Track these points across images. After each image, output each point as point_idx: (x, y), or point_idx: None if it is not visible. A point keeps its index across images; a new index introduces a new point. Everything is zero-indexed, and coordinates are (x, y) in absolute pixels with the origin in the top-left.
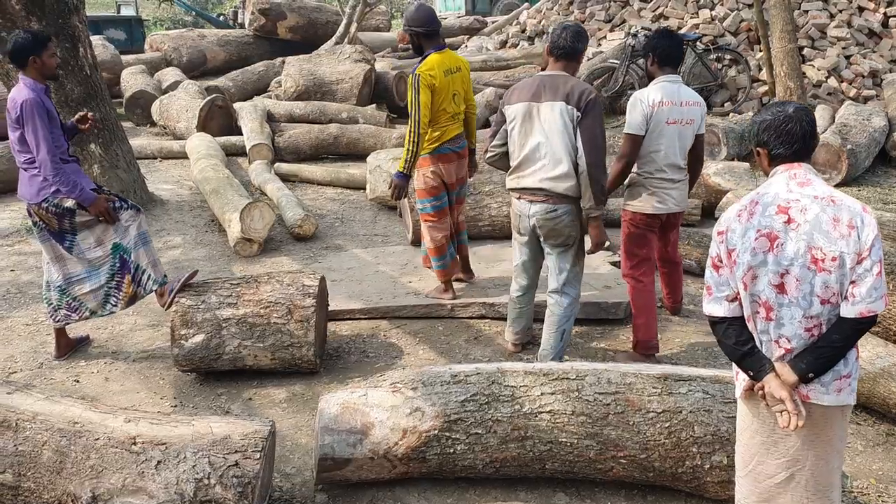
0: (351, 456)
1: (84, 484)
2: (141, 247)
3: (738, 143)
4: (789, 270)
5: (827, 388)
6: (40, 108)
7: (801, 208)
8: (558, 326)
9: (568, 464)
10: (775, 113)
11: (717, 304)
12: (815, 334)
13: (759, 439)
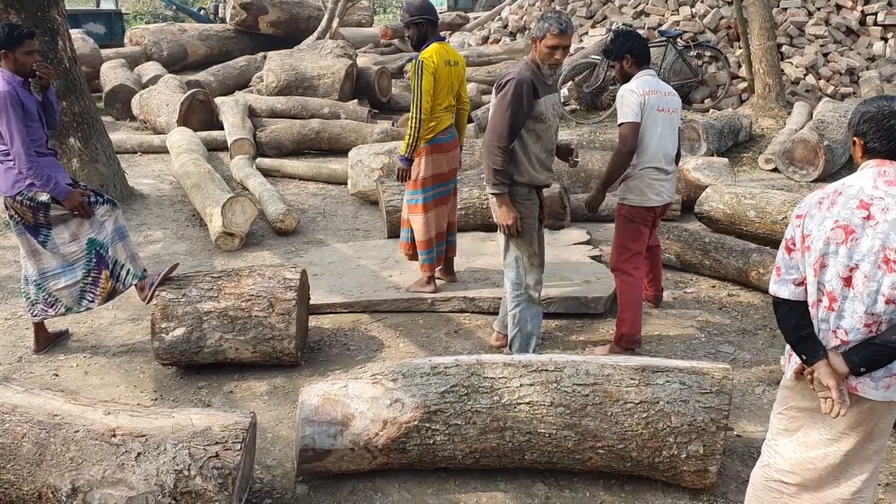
0: (331, 447)
1: (64, 476)
2: (118, 241)
3: (718, 139)
4: (859, 266)
5: (877, 383)
6: (14, 101)
7: (883, 207)
8: (509, 309)
9: (547, 454)
10: (880, 106)
11: (783, 286)
12: (874, 331)
13: (805, 414)
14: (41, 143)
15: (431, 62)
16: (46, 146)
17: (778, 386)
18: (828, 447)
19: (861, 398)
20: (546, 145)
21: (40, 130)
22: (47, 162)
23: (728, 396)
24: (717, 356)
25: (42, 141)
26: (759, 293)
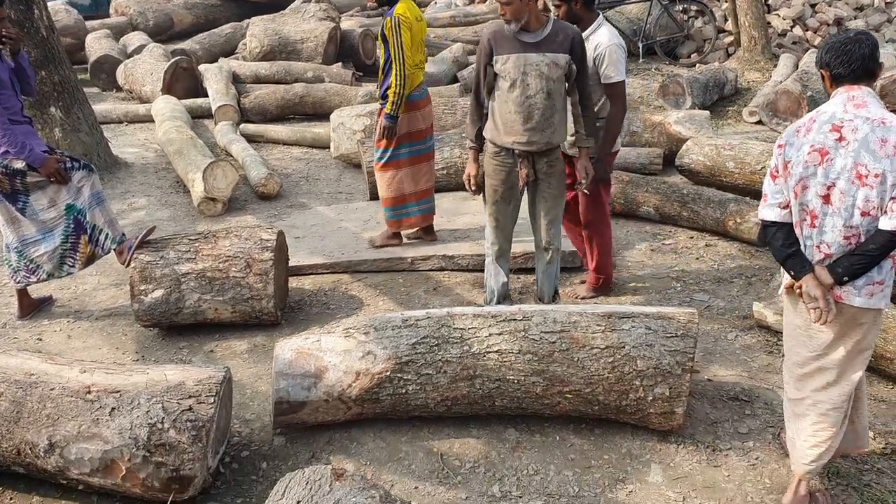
0: (306, 399)
1: (41, 432)
2: (96, 206)
3: (703, 93)
4: (835, 183)
5: (859, 290)
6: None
7: (853, 128)
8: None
9: (516, 400)
10: (839, 37)
11: (770, 210)
12: (853, 243)
13: (798, 332)
14: (15, 110)
15: (406, 18)
16: (22, 114)
17: (751, 332)
18: (817, 362)
19: (846, 306)
20: (515, 107)
21: (13, 98)
22: (22, 130)
23: (693, 340)
24: (692, 304)
25: (16, 109)
26: (736, 243)
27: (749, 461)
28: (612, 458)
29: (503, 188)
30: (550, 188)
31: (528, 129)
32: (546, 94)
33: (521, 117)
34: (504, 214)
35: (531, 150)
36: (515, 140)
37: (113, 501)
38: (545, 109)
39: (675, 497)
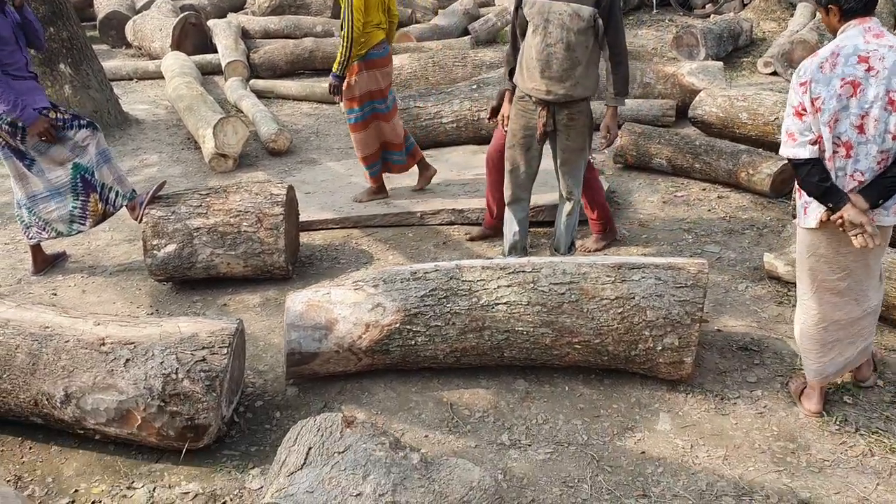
0: (317, 350)
1: (57, 383)
2: (103, 164)
3: (717, 44)
4: (869, 112)
5: (888, 210)
6: None
7: (879, 57)
8: None
9: (525, 351)
10: None
11: (801, 148)
12: (883, 167)
13: (824, 260)
14: (19, 66)
15: None
16: (27, 69)
17: (761, 283)
18: (843, 282)
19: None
20: (536, 54)
21: (17, 53)
22: (27, 86)
23: (703, 290)
24: (703, 256)
25: (20, 64)
26: (748, 194)
27: (757, 409)
28: (620, 407)
29: (521, 134)
30: (569, 140)
31: (546, 79)
32: (566, 45)
33: (539, 65)
34: (519, 161)
35: (548, 99)
36: (534, 87)
37: (129, 451)
38: (563, 61)
39: (682, 444)
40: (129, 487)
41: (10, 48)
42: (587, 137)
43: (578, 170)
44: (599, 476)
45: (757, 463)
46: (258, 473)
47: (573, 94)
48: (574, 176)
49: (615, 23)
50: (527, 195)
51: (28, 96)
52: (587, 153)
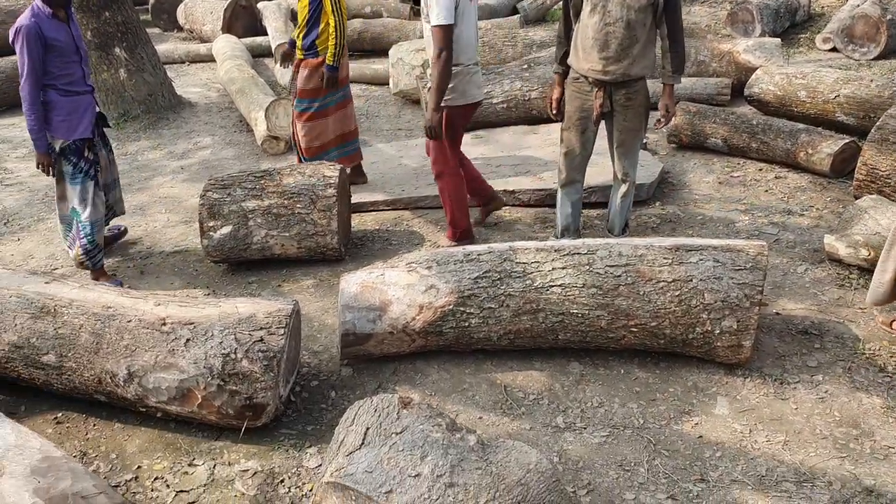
0: (371, 331)
1: (120, 362)
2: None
3: (773, 21)
4: None
5: None
6: (32, 38)
7: None
8: None
9: (580, 334)
10: None
11: None
12: None
13: None
14: (74, 79)
15: None
16: (84, 82)
17: (821, 266)
18: None
19: None
20: (593, 33)
21: (75, 65)
22: (77, 104)
23: (763, 273)
24: (760, 237)
25: (77, 77)
26: (806, 174)
27: (818, 394)
28: (677, 391)
29: (577, 116)
30: (626, 121)
31: (604, 58)
32: (625, 23)
33: (597, 44)
34: (574, 143)
35: (606, 79)
36: (591, 67)
37: (189, 428)
38: (623, 39)
39: (741, 429)
40: (190, 464)
41: (66, 59)
42: (644, 118)
43: (635, 151)
44: (656, 460)
45: (818, 449)
46: (315, 452)
47: (630, 74)
48: (630, 157)
49: (675, 1)
50: (581, 177)
51: (74, 117)
52: (643, 133)
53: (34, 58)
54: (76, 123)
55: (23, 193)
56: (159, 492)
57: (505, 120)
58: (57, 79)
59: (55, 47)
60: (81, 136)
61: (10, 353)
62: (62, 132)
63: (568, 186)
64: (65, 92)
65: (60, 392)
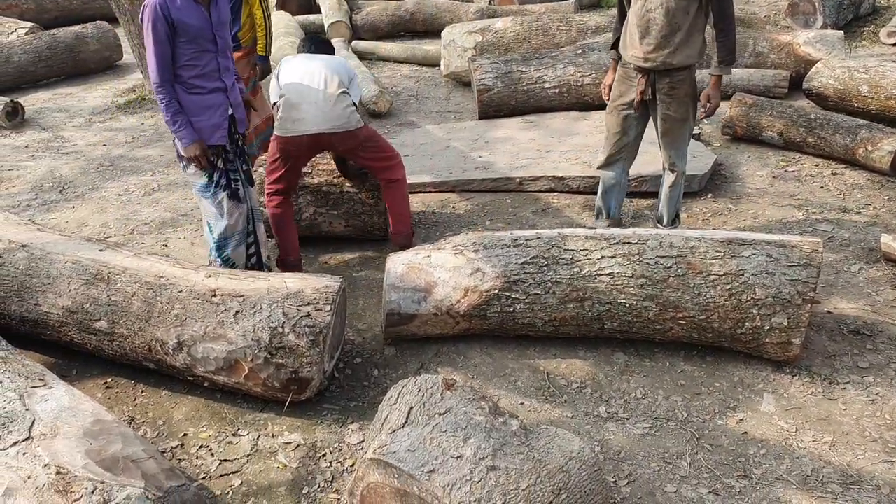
0: (416, 312)
1: (170, 331)
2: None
3: (836, 12)
4: None
5: None
6: (157, 19)
7: None
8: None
9: (627, 324)
10: None
11: None
12: None
13: None
14: (206, 72)
15: None
16: (219, 77)
17: (876, 265)
18: None
19: None
20: (636, 20)
21: (209, 55)
22: (213, 101)
23: (816, 270)
24: (814, 234)
25: (209, 70)
26: (864, 172)
27: (868, 396)
28: (723, 386)
29: (619, 100)
30: (670, 111)
31: (646, 45)
32: (665, 10)
33: (639, 31)
34: (614, 127)
35: (647, 67)
36: (633, 54)
37: (235, 399)
38: (664, 27)
39: (787, 427)
40: (235, 434)
41: (198, 47)
42: (690, 108)
43: (681, 140)
44: (699, 454)
45: (867, 451)
46: (357, 428)
47: (672, 62)
48: (676, 147)
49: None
50: (620, 162)
51: (202, 121)
52: (691, 123)
53: (159, 42)
54: (203, 126)
55: (78, 162)
56: (203, 460)
57: (556, 105)
58: (182, 69)
59: (185, 32)
60: (210, 143)
61: (65, 317)
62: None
63: (604, 169)
64: (191, 87)
65: (111, 358)
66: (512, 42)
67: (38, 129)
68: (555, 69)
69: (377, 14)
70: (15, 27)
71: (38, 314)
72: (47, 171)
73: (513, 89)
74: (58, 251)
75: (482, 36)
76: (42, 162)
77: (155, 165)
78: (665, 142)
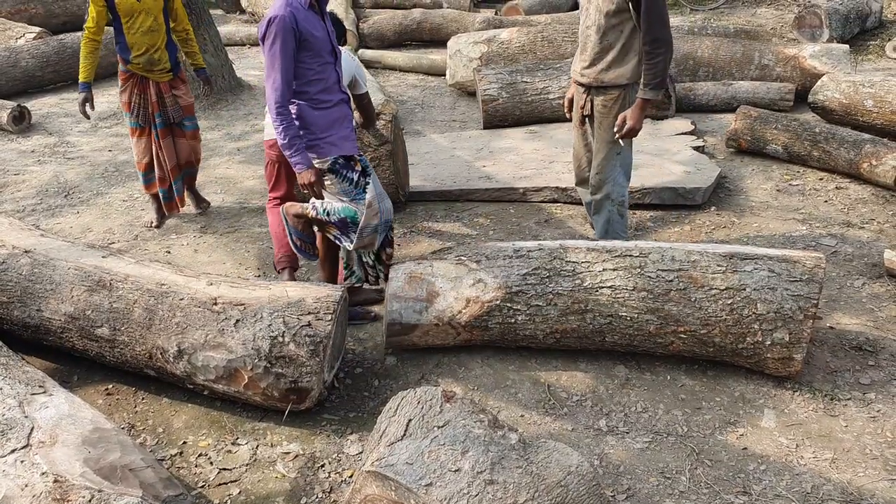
0: (417, 322)
1: (171, 339)
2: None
3: (842, 26)
4: None
5: None
6: (286, 32)
7: None
8: None
9: (628, 337)
10: None
11: None
12: None
13: None
14: (329, 84)
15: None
16: (339, 89)
17: (879, 281)
18: None
19: None
20: (579, 36)
21: (331, 68)
22: (332, 117)
23: (819, 285)
24: (817, 248)
25: (331, 82)
26: (869, 186)
27: (870, 413)
28: (723, 401)
29: (573, 114)
30: (600, 129)
31: (582, 61)
32: (597, 27)
33: (579, 47)
34: (576, 142)
35: (582, 82)
36: (574, 69)
37: (235, 408)
38: (595, 44)
39: (787, 443)
40: (234, 443)
41: (321, 59)
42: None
43: (607, 163)
44: (698, 469)
45: (867, 469)
46: (356, 439)
47: (603, 79)
48: (605, 171)
49: (649, 8)
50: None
51: (332, 134)
52: (625, 148)
53: (287, 55)
54: (335, 139)
55: (84, 167)
56: (203, 468)
57: (561, 116)
58: (309, 84)
59: (310, 44)
60: (342, 152)
61: (66, 323)
62: (319, 151)
63: (579, 186)
64: (317, 102)
65: (112, 364)
66: (517, 52)
67: (45, 133)
68: (559, 80)
69: (384, 23)
70: (23, 32)
71: (40, 320)
72: (53, 176)
73: (517, 100)
74: (61, 257)
75: (488, 46)
76: (48, 167)
77: None
78: (595, 162)
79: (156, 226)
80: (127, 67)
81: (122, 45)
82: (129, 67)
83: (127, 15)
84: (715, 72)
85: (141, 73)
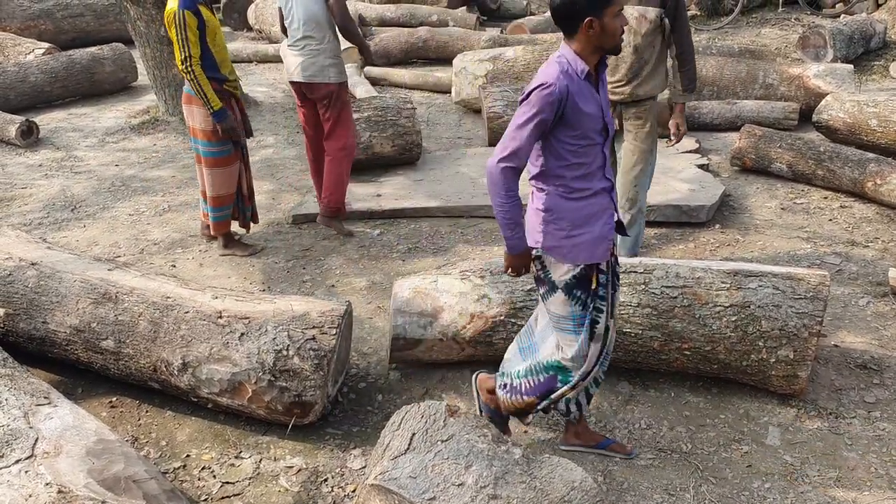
0: (422, 337)
1: (175, 352)
2: None
3: (847, 46)
4: None
5: None
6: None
7: None
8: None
9: (632, 353)
10: None
11: None
12: None
13: None
14: (593, 169)
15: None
16: (604, 174)
17: (884, 300)
18: None
19: None
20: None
21: (596, 150)
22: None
23: (823, 303)
24: (822, 267)
25: (595, 167)
26: (873, 205)
27: (875, 432)
28: (728, 418)
29: None
30: (636, 140)
31: (616, 81)
32: (633, 48)
33: (611, 68)
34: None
35: (614, 99)
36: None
37: (238, 421)
38: (633, 63)
39: (792, 461)
40: (237, 457)
41: (587, 140)
42: (655, 138)
43: (646, 174)
44: (703, 486)
45: (873, 488)
46: (359, 454)
47: (637, 94)
48: (642, 180)
49: (681, 22)
50: None
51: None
52: (654, 156)
53: (536, 133)
54: (585, 241)
55: (91, 181)
56: (206, 481)
57: None
58: (567, 168)
59: (577, 123)
60: (591, 260)
61: (72, 336)
62: (562, 253)
63: None
64: (571, 191)
65: (116, 377)
66: (522, 70)
67: (53, 148)
68: None
69: (390, 41)
70: (33, 48)
71: (45, 332)
72: (60, 190)
73: None
74: (67, 270)
75: (493, 64)
76: (55, 181)
77: (166, 186)
78: (631, 176)
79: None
80: (223, 87)
81: (210, 64)
82: (226, 87)
83: (212, 32)
84: (720, 91)
85: (233, 90)
